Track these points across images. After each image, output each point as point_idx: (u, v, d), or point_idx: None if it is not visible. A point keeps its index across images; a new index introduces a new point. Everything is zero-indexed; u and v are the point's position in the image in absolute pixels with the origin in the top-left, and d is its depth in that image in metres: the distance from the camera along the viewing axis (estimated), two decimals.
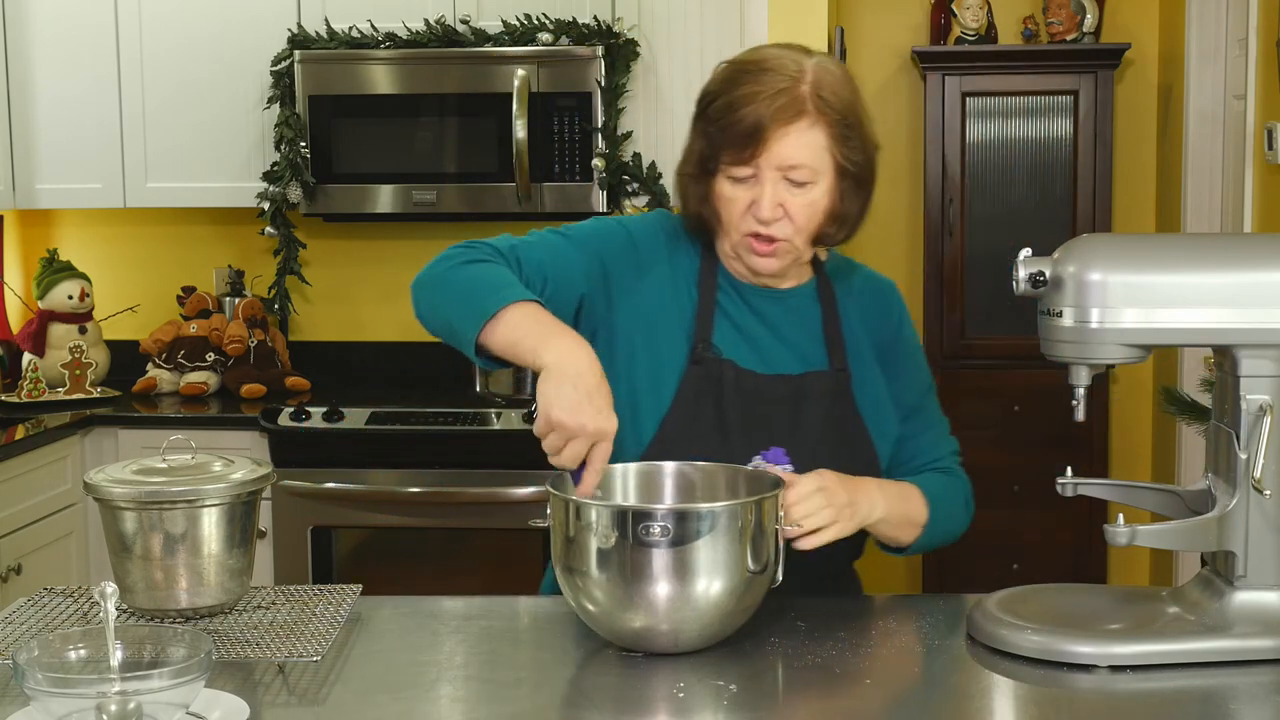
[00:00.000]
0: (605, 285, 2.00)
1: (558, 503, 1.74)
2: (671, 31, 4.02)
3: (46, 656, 1.53)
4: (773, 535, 1.74)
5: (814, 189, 1.93)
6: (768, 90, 1.89)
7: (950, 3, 4.77)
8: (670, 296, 2.01)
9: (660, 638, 1.71)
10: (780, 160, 1.90)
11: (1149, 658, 1.70)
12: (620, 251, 2.02)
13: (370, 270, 4.49)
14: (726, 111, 1.91)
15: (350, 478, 3.84)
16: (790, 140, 1.89)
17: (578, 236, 2.02)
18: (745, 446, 1.93)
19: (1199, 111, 4.45)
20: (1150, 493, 1.90)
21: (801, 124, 1.90)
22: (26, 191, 4.23)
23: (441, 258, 1.95)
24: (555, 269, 1.96)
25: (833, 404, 2.00)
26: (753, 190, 1.92)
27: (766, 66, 1.92)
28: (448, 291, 1.90)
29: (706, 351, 1.98)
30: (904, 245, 5.07)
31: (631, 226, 2.06)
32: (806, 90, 1.90)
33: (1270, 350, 1.73)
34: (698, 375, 1.98)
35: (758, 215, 1.91)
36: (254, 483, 1.89)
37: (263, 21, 4.13)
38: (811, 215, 1.94)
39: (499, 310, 1.81)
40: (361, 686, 1.67)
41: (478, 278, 1.89)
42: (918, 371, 2.11)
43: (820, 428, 1.97)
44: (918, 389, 2.10)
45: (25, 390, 4.10)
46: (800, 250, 1.97)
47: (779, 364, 2.01)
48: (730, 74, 1.95)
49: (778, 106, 1.88)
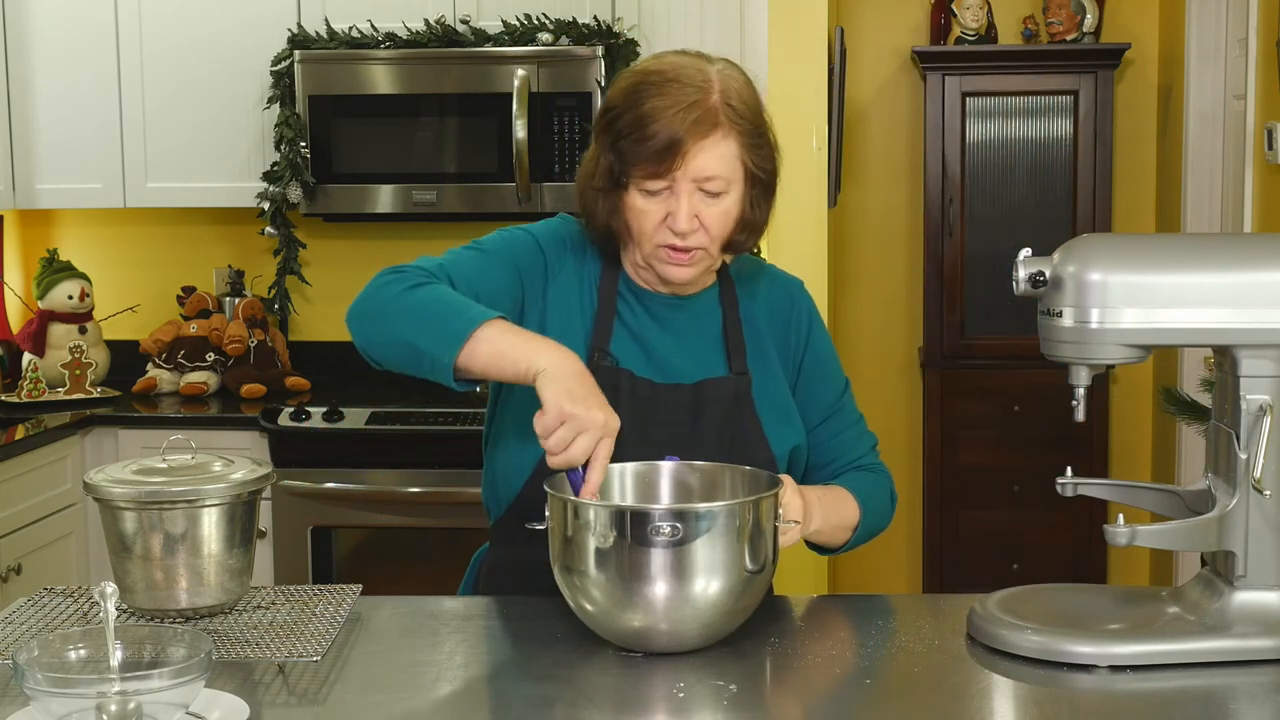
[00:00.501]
0: (521, 295, 2.00)
1: (556, 503, 1.74)
2: (671, 31, 4.02)
3: (46, 656, 1.53)
4: (771, 535, 1.74)
5: (727, 198, 1.92)
6: (678, 104, 1.88)
7: (950, 3, 4.78)
8: (574, 304, 2.02)
9: (659, 637, 1.71)
10: (697, 173, 1.89)
11: (1149, 658, 1.70)
12: (531, 260, 2.02)
13: (370, 270, 4.39)
14: (637, 126, 1.89)
15: (350, 478, 3.84)
16: (706, 153, 1.89)
17: (494, 250, 2.01)
18: (639, 455, 1.92)
19: (1199, 111, 4.45)
20: (1150, 493, 1.90)
21: (716, 136, 1.89)
22: (26, 191, 4.24)
23: (377, 286, 1.91)
24: (483, 286, 1.95)
25: (730, 410, 2.00)
26: (667, 203, 1.91)
27: (671, 77, 1.91)
28: (403, 319, 1.85)
29: (602, 360, 1.98)
30: (904, 245, 5.07)
31: (539, 234, 2.05)
32: (717, 101, 1.89)
33: (1270, 350, 1.73)
34: None
35: (674, 228, 1.91)
36: (254, 483, 1.89)
37: (263, 21, 4.13)
38: (725, 224, 1.94)
39: (473, 331, 1.80)
40: (361, 686, 1.67)
41: (432, 302, 1.85)
42: (832, 372, 2.12)
43: (716, 436, 1.96)
44: (834, 389, 2.11)
45: (25, 390, 4.10)
46: (714, 258, 1.98)
47: (676, 372, 2.01)
48: (635, 86, 1.93)
49: (692, 120, 1.87)
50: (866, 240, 5.04)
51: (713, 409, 1.99)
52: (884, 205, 5.05)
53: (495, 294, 1.96)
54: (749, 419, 2.01)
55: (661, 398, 1.98)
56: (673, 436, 1.96)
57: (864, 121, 5.01)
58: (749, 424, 2.00)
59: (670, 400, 1.98)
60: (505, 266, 2.00)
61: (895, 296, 5.12)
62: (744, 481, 1.86)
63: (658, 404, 1.98)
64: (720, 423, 1.99)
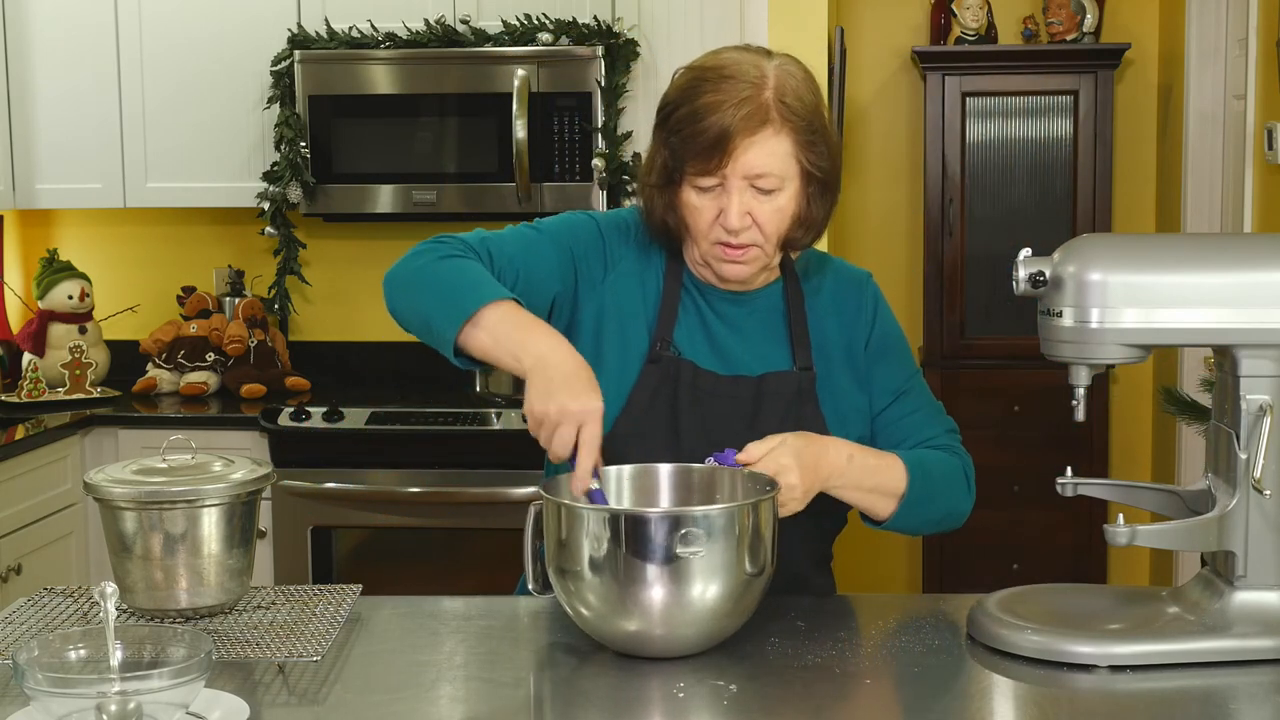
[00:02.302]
0: (575, 279, 2.00)
1: (550, 506, 1.73)
2: (671, 31, 4.02)
3: (46, 656, 1.53)
4: (770, 538, 1.74)
5: (781, 195, 1.91)
6: (731, 99, 1.87)
7: (950, 3, 4.78)
8: (636, 293, 2.01)
9: (655, 642, 1.70)
10: (747, 170, 1.89)
11: (1149, 658, 1.70)
12: (590, 245, 2.02)
13: (370, 270, 4.48)
14: (689, 121, 1.89)
15: (350, 478, 3.84)
16: (756, 149, 1.88)
17: (549, 231, 2.02)
18: (698, 446, 1.92)
19: (1199, 111, 4.45)
20: (1150, 493, 1.90)
21: (767, 132, 1.88)
22: (26, 191, 4.24)
23: (414, 253, 1.93)
24: (527, 263, 1.96)
25: (793, 405, 1.99)
26: (719, 200, 1.91)
27: (727, 73, 1.90)
28: (423, 289, 1.88)
29: (665, 350, 1.98)
30: (904, 245, 5.07)
31: (602, 221, 2.05)
32: (770, 97, 1.88)
33: (1270, 350, 1.73)
34: (654, 374, 1.97)
35: (725, 224, 1.90)
36: (254, 483, 1.89)
37: (263, 21, 4.13)
38: (779, 221, 1.93)
39: (476, 311, 1.81)
40: (361, 686, 1.67)
41: (452, 275, 1.87)
42: (900, 355, 2.08)
43: (777, 429, 1.93)
44: (903, 373, 2.07)
45: (25, 390, 4.10)
46: (769, 256, 1.97)
47: (739, 365, 2.00)
48: (690, 82, 1.93)
49: (742, 115, 1.87)
50: (866, 240, 5.03)
51: (775, 403, 1.98)
52: (884, 205, 5.05)
53: (541, 274, 1.96)
54: (811, 414, 1.99)
55: (723, 390, 1.97)
56: (733, 430, 1.94)
57: (864, 121, 5.01)
58: (811, 420, 1.98)
59: (732, 393, 1.97)
60: (558, 249, 1.99)
61: (895, 296, 5.08)
62: (742, 484, 1.84)
63: (719, 397, 1.97)
64: (781, 417, 1.97)
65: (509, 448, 3.79)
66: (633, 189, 4.00)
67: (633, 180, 4.00)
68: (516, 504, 3.73)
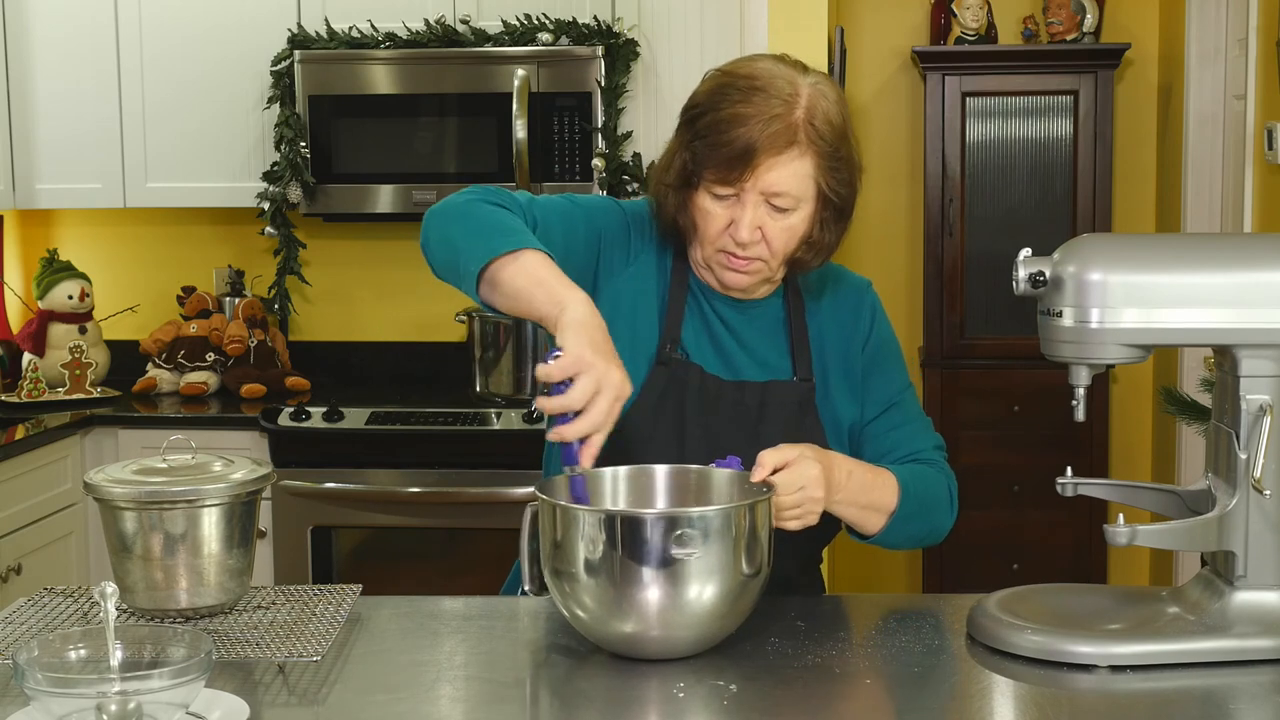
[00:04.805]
0: (597, 264, 1.99)
1: (546, 507, 1.72)
2: (671, 31, 4.02)
3: (46, 656, 1.53)
4: (766, 539, 1.73)
5: (794, 215, 1.90)
6: (761, 114, 1.85)
7: (950, 3, 4.78)
8: (650, 290, 2.00)
9: (651, 643, 1.69)
10: (766, 187, 1.87)
11: (1149, 658, 1.70)
12: (616, 233, 2.01)
13: (370, 270, 4.49)
14: (715, 130, 1.87)
15: (350, 478, 3.84)
16: (779, 169, 1.86)
17: (585, 207, 2.01)
18: (702, 451, 1.91)
19: (1199, 111, 4.45)
20: (1150, 493, 1.90)
21: (792, 153, 1.86)
22: (26, 191, 4.23)
23: (461, 193, 1.91)
24: (560, 235, 1.93)
25: (795, 415, 1.98)
26: (733, 210, 1.89)
27: (759, 85, 1.87)
28: (463, 223, 1.85)
29: (674, 352, 1.97)
30: (904, 245, 5.07)
31: (630, 212, 2.04)
32: (800, 117, 1.86)
33: (1270, 350, 1.73)
34: (663, 376, 1.97)
35: (736, 236, 1.89)
36: (254, 483, 1.89)
37: (263, 21, 4.13)
38: (788, 240, 1.91)
39: (516, 250, 1.78)
40: (361, 686, 1.67)
41: (492, 218, 1.85)
42: (893, 367, 2.07)
43: (780, 438, 1.91)
44: (896, 385, 2.06)
45: (25, 390, 4.10)
46: (773, 271, 1.96)
47: (742, 370, 1.99)
48: (720, 87, 1.90)
49: (770, 133, 1.85)
50: (866, 240, 5.03)
51: (778, 412, 1.97)
52: (884, 205, 5.05)
53: (571, 248, 1.94)
54: (812, 425, 1.98)
55: (729, 395, 1.97)
56: (737, 436, 1.94)
57: (864, 121, 5.01)
58: (812, 430, 1.97)
59: (738, 399, 1.97)
60: (589, 228, 1.98)
61: (895, 296, 5.11)
62: (739, 485, 1.83)
63: (725, 402, 1.96)
64: (784, 426, 1.96)
65: (509, 448, 3.79)
66: (633, 189, 4.00)
67: (633, 180, 4.00)
68: (516, 504, 3.73)
